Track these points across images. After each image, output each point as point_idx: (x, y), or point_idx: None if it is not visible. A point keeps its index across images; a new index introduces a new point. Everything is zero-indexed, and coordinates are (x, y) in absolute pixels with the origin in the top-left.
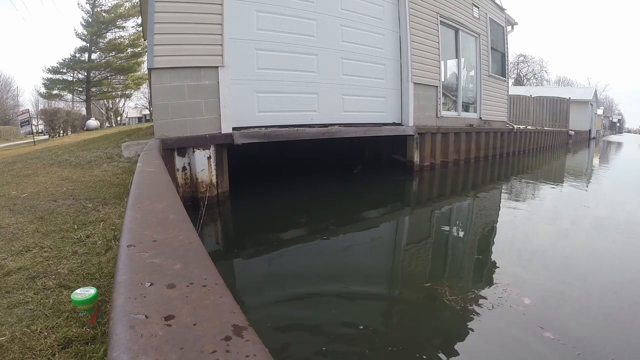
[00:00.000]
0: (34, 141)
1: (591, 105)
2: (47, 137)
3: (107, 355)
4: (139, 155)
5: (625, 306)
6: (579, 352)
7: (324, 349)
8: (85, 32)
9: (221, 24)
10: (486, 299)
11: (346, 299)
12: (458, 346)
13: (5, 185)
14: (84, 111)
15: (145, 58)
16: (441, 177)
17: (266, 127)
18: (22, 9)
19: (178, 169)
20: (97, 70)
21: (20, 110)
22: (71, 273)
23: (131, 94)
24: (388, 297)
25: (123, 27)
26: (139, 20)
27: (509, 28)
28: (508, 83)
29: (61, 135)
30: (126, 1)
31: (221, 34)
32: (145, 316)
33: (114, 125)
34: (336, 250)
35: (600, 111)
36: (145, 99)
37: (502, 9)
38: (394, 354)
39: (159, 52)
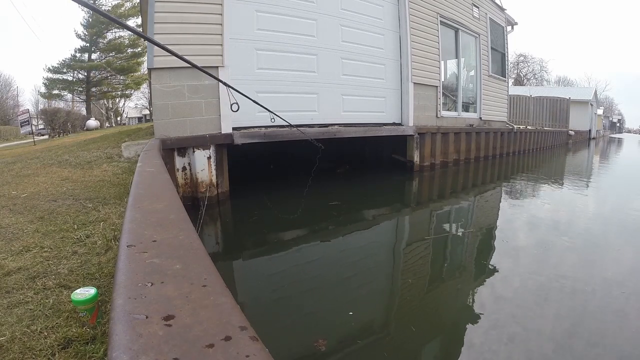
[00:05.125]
0: (34, 141)
1: (591, 105)
2: (47, 137)
3: (107, 355)
4: (139, 155)
5: (631, 306)
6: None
7: (324, 348)
8: (86, 32)
9: (221, 24)
10: (490, 301)
11: (347, 299)
12: (461, 347)
13: (5, 185)
14: (84, 111)
15: (145, 58)
16: (441, 177)
17: (266, 127)
18: (22, 9)
19: (178, 169)
20: (97, 70)
21: (20, 110)
22: (71, 273)
23: (131, 94)
24: (389, 297)
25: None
26: (139, 20)
27: (509, 28)
28: (508, 83)
29: (61, 135)
30: (126, 1)
31: (221, 34)
32: (145, 316)
33: (114, 125)
34: (336, 250)
35: (600, 111)
36: (145, 99)
37: (502, 9)
38: (396, 354)
39: (158, 52)
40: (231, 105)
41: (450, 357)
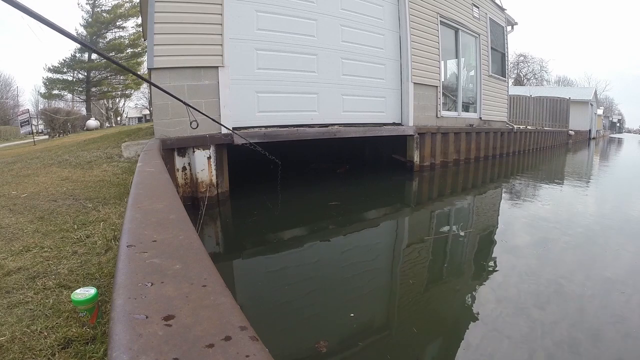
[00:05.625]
0: (34, 141)
1: (591, 105)
2: (47, 137)
3: (107, 355)
4: (139, 155)
5: (631, 306)
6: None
7: (325, 350)
8: (85, 32)
9: (221, 24)
10: (492, 301)
11: (348, 299)
12: (459, 346)
13: (5, 185)
14: (84, 111)
15: (145, 58)
16: (441, 177)
17: (266, 127)
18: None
19: (178, 169)
20: (97, 70)
21: (20, 110)
22: (71, 273)
23: (131, 94)
24: (390, 298)
25: (123, 27)
26: (139, 20)
27: (509, 28)
28: (508, 83)
29: (61, 135)
30: (126, 1)
31: (221, 34)
32: (146, 316)
33: (114, 125)
34: (336, 250)
35: (600, 111)
36: (145, 99)
37: (502, 9)
38: (395, 354)
39: (159, 52)
40: (190, 123)
41: (453, 359)
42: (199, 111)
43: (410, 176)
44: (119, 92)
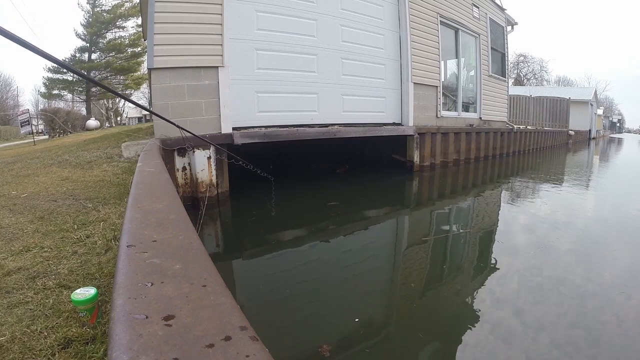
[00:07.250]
0: (34, 141)
1: (591, 105)
2: (47, 137)
3: (107, 355)
4: (139, 155)
5: (630, 305)
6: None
7: (328, 354)
8: (85, 32)
9: (221, 24)
10: (498, 305)
11: (346, 298)
12: (458, 346)
13: (5, 185)
14: (84, 111)
15: (145, 58)
16: (441, 177)
17: (266, 127)
18: (22, 9)
19: (178, 169)
20: (97, 70)
21: (20, 110)
22: (71, 273)
23: (131, 94)
24: (391, 300)
25: (123, 27)
26: (139, 21)
27: (509, 28)
28: (508, 83)
29: (61, 135)
30: (126, 1)
31: (221, 34)
32: (146, 316)
33: (114, 125)
34: (336, 250)
35: (600, 111)
36: (145, 99)
37: (502, 9)
38: (395, 354)
39: (159, 52)
40: (186, 145)
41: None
42: (192, 133)
43: (410, 176)
44: (119, 92)
